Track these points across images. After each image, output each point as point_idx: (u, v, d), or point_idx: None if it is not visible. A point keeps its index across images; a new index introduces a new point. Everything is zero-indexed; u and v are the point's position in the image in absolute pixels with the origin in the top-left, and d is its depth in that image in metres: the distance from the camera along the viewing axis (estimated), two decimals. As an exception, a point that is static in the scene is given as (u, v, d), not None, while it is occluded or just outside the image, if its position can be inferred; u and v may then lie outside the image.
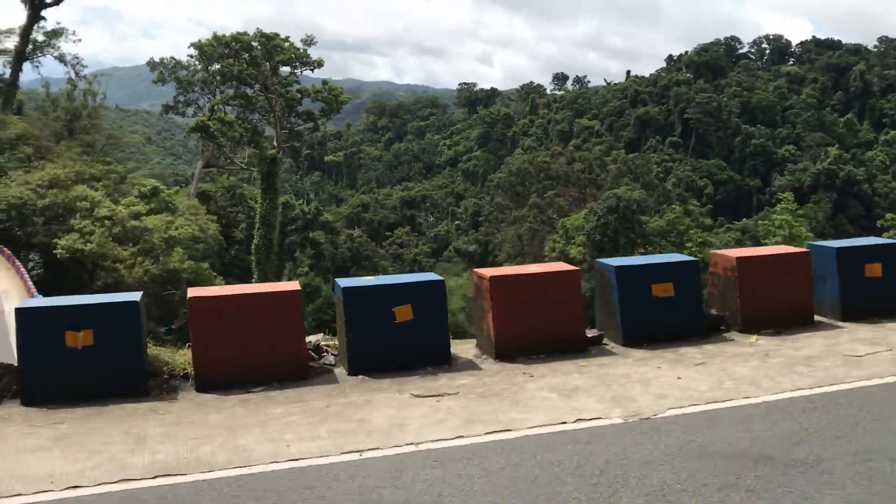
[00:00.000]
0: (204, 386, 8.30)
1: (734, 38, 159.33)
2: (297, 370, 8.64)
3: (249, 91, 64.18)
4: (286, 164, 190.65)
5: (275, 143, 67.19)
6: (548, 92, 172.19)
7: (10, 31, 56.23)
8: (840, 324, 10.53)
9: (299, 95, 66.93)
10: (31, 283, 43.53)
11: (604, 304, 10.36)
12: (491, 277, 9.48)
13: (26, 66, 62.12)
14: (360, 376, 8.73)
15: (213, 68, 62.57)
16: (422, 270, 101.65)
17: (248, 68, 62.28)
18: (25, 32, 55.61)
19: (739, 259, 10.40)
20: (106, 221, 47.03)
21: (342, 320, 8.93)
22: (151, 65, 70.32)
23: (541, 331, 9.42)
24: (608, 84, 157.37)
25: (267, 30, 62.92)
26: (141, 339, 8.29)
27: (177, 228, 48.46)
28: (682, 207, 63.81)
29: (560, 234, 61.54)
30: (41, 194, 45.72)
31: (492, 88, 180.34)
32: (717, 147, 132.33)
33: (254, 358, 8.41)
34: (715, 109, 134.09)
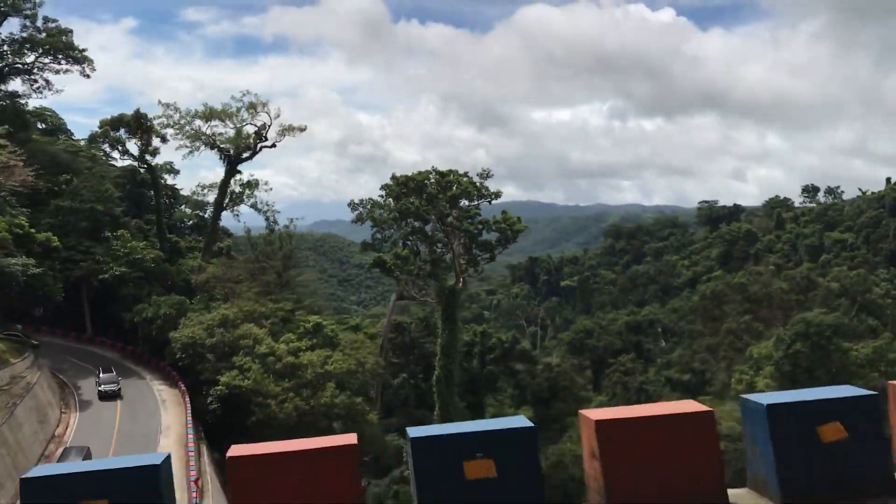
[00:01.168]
0: None
1: None
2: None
3: (427, 226, 65.95)
4: (525, 290, 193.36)
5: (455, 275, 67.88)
6: (796, 205, 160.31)
7: (212, 186, 63.23)
8: None
9: (479, 227, 67.51)
10: (190, 418, 46.64)
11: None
12: (597, 421, 7.67)
13: (253, 216, 69.05)
14: None
15: (394, 206, 65.27)
16: (648, 399, 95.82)
17: (425, 205, 64.30)
18: (223, 186, 62.17)
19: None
20: (268, 358, 49.65)
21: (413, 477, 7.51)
22: (352, 206, 74.76)
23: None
24: (863, 193, 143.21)
25: (515, 165, 64.89)
26: None
27: (332, 363, 49.88)
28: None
29: (750, 363, 55.29)
30: (211, 333, 49.56)
31: (735, 205, 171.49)
32: None
33: None
34: None
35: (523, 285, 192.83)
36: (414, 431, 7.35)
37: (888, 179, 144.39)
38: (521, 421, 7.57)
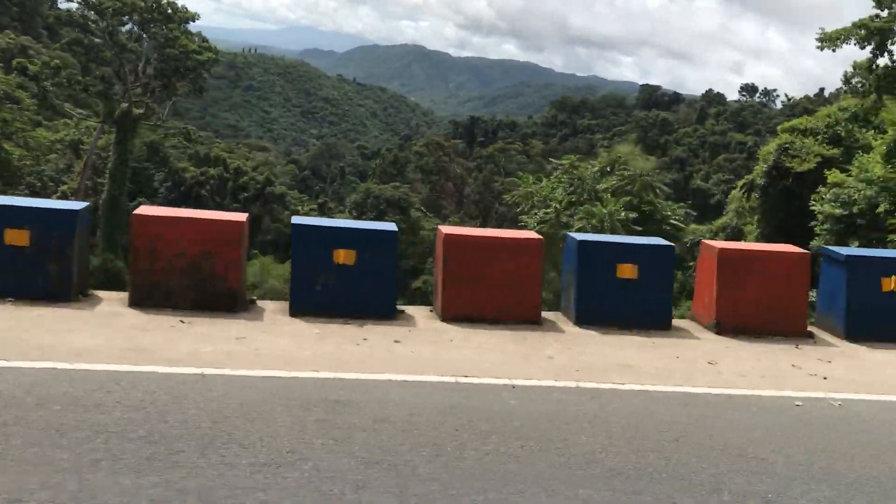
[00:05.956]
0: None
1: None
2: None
3: (96, 39, 61.57)
4: (459, 147, 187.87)
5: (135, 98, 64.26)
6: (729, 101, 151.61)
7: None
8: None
9: (169, 53, 62.76)
10: None
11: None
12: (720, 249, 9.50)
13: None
14: None
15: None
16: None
17: (92, 15, 59.99)
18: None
19: None
20: None
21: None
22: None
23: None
24: (788, 100, 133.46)
25: (516, 21, 60.38)
26: None
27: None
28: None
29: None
30: None
31: (674, 93, 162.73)
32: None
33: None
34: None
35: (458, 142, 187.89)
36: (580, 236, 9.42)
37: (821, 89, 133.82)
38: (660, 241, 9.81)
